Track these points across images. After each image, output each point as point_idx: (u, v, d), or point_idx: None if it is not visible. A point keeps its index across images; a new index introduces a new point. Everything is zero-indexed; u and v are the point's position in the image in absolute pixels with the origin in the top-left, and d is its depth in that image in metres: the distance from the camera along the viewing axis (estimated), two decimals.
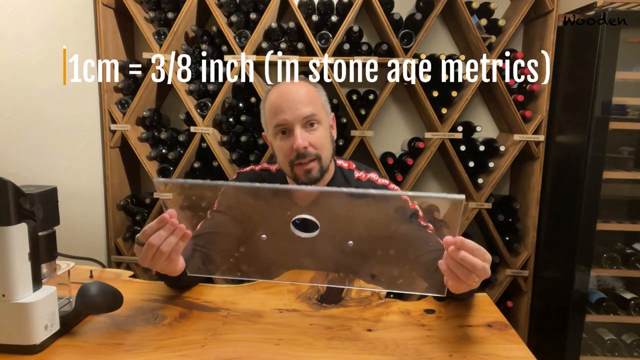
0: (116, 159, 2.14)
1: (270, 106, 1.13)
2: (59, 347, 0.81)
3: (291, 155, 1.10)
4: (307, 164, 1.10)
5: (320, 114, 1.12)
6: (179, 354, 0.78)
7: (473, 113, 2.22)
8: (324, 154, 1.12)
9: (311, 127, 1.11)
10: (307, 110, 1.09)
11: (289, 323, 0.91)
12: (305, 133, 1.09)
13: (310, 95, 1.13)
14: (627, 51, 1.74)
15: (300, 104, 1.09)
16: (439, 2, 1.90)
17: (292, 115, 1.08)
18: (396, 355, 0.80)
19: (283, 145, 1.11)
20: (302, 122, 1.09)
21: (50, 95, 1.75)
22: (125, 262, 2.14)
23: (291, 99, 1.09)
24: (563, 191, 1.97)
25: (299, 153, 1.08)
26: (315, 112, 1.10)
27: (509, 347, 0.84)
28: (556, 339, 1.96)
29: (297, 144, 1.07)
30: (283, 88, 1.13)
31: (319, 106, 1.13)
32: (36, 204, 0.78)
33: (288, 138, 1.10)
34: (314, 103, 1.12)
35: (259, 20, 1.93)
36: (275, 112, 1.10)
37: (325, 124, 1.14)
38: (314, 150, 1.10)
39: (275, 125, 1.11)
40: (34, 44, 1.66)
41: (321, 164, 1.12)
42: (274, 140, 1.14)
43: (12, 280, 0.75)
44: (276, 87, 1.16)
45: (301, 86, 1.13)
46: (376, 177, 1.23)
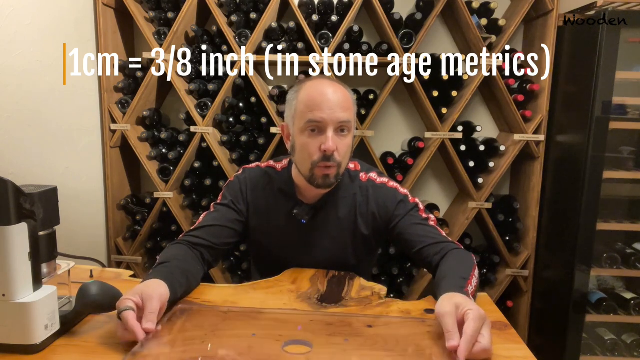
0: (116, 158, 2.14)
1: (307, 100, 1.08)
2: (59, 346, 0.81)
3: (315, 155, 1.08)
4: (329, 169, 1.09)
5: (352, 122, 1.11)
6: (179, 350, 0.78)
7: (473, 113, 2.22)
8: (344, 162, 1.12)
9: (342, 133, 1.09)
10: (344, 115, 1.07)
11: (290, 320, 0.91)
12: (336, 138, 1.07)
13: (349, 102, 1.10)
14: (627, 51, 1.74)
15: (340, 107, 1.07)
16: (439, 2, 1.90)
17: (330, 116, 1.05)
18: (396, 351, 0.80)
19: (310, 143, 1.08)
20: (336, 125, 1.07)
21: (50, 95, 1.75)
22: (126, 262, 2.14)
23: (332, 100, 1.06)
24: (563, 191, 1.97)
25: (326, 155, 1.06)
26: (350, 119, 1.09)
27: (509, 347, 0.83)
28: (556, 338, 1.95)
29: (328, 146, 1.05)
30: (324, 86, 1.10)
31: (352, 115, 1.12)
32: (36, 204, 0.78)
33: (317, 137, 1.07)
34: (350, 110, 1.10)
35: (259, 20, 1.93)
36: (312, 107, 1.07)
37: (352, 133, 1.13)
38: (338, 157, 1.08)
39: (308, 120, 1.07)
40: (34, 44, 1.66)
41: (339, 171, 1.11)
42: (300, 135, 1.10)
43: (13, 280, 0.75)
44: (316, 82, 1.12)
45: (341, 89, 1.11)
46: (375, 176, 1.23)
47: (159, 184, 2.09)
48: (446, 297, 0.85)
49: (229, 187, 1.25)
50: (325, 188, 1.13)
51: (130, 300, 0.82)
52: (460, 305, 0.80)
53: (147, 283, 0.89)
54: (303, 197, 1.20)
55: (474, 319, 0.75)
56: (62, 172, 1.85)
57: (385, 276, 2.12)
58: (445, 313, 0.79)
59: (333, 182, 1.12)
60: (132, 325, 0.78)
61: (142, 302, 0.84)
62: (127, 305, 0.80)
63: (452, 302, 0.81)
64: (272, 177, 1.24)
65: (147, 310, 0.82)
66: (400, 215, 1.16)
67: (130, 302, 0.82)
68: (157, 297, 0.85)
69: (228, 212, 1.20)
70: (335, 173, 1.10)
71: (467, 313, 0.77)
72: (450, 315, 0.78)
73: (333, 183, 1.12)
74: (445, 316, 0.79)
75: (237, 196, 1.22)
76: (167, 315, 0.89)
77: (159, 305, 0.84)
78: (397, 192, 1.20)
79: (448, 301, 0.82)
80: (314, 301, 1.00)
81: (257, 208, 1.23)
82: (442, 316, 0.79)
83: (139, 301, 0.83)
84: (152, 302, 0.83)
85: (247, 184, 1.23)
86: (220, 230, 1.17)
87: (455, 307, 0.80)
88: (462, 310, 0.78)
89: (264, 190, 1.23)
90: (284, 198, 1.21)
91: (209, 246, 1.14)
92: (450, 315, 0.78)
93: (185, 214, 2.14)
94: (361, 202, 1.20)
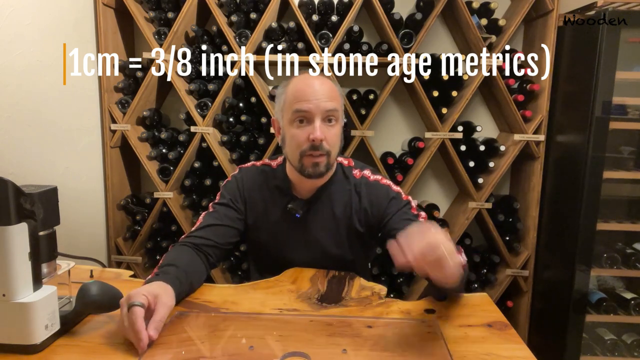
0: (116, 158, 2.14)
1: (294, 91, 1.12)
2: (59, 346, 0.81)
3: (304, 145, 1.10)
4: (317, 157, 1.10)
5: (339, 111, 1.14)
6: (179, 351, 0.78)
7: (473, 113, 2.22)
8: (334, 151, 1.13)
9: (329, 122, 1.11)
10: (330, 104, 1.10)
11: (289, 320, 0.91)
12: (324, 127, 1.10)
13: (335, 92, 1.14)
14: (627, 51, 1.74)
15: (326, 97, 1.10)
16: (439, 2, 1.90)
17: (316, 106, 1.08)
18: (396, 351, 0.80)
19: (298, 133, 1.10)
20: (323, 114, 1.09)
21: (50, 95, 1.75)
22: (126, 262, 2.14)
23: (318, 90, 1.09)
24: (563, 191, 1.97)
25: (313, 145, 1.08)
26: (337, 108, 1.12)
27: (509, 347, 0.84)
28: (556, 338, 1.95)
29: (315, 135, 1.07)
30: (310, 78, 1.14)
31: (339, 104, 1.14)
32: (36, 204, 0.78)
33: (305, 127, 1.10)
34: (336, 100, 1.13)
35: (259, 20, 1.93)
36: (299, 98, 1.09)
37: (340, 123, 1.16)
38: (327, 146, 1.10)
39: (295, 110, 1.09)
40: (34, 44, 1.66)
41: (329, 160, 1.12)
42: (289, 126, 1.13)
43: (13, 280, 0.75)
44: (302, 75, 1.16)
45: (327, 81, 1.15)
46: (369, 174, 1.24)
47: (159, 184, 2.09)
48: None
49: (226, 187, 1.26)
50: (316, 178, 1.14)
51: (145, 297, 0.82)
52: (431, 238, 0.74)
53: (164, 288, 0.90)
54: (297, 192, 1.22)
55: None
56: (62, 172, 1.85)
57: (385, 276, 2.12)
58: (414, 232, 0.76)
59: (323, 172, 1.13)
60: (139, 327, 0.78)
61: (153, 305, 0.84)
62: (140, 301, 0.81)
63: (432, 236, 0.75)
64: (268, 174, 1.26)
65: (157, 317, 0.83)
66: (392, 212, 1.17)
67: (144, 299, 0.82)
68: (168, 308, 0.87)
69: (228, 211, 1.21)
70: (325, 162, 1.12)
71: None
72: (416, 236, 0.74)
73: (323, 172, 1.13)
74: (414, 235, 0.75)
75: (235, 195, 1.23)
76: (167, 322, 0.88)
77: (167, 315, 0.86)
78: (389, 189, 1.21)
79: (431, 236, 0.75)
80: (314, 301, 1.00)
81: (254, 206, 1.24)
82: (412, 234, 0.75)
83: (151, 302, 0.84)
84: (164, 309, 0.85)
85: (243, 182, 1.25)
86: (223, 229, 1.18)
87: (427, 238, 0.74)
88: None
89: (260, 188, 1.24)
90: (280, 194, 1.23)
91: (213, 246, 1.15)
92: (418, 235, 0.74)
93: (185, 214, 2.14)
94: (355, 199, 1.21)
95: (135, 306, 0.79)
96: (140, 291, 0.83)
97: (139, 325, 0.78)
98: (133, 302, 0.80)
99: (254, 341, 0.82)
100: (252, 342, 0.82)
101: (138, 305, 0.79)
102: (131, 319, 0.78)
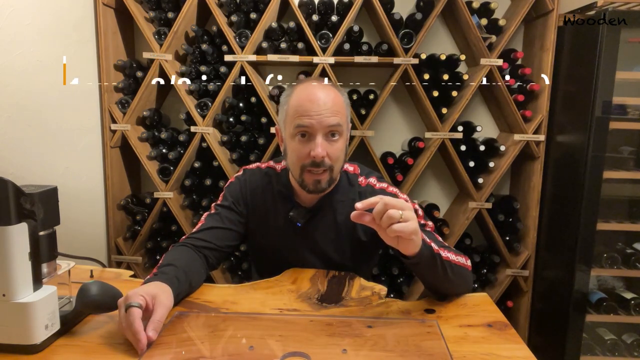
0: (116, 158, 2.14)
1: (296, 105, 1.07)
2: (59, 346, 0.81)
3: (305, 160, 1.07)
4: (319, 175, 1.08)
5: (343, 125, 1.10)
6: (179, 351, 0.78)
7: (473, 113, 2.22)
8: (337, 166, 1.11)
9: (332, 137, 1.08)
10: (333, 120, 1.05)
11: (289, 320, 0.91)
12: (326, 143, 1.06)
13: (339, 105, 1.09)
14: (627, 51, 1.74)
15: (328, 111, 1.05)
16: (439, 2, 1.90)
17: (318, 122, 1.04)
18: (396, 351, 0.80)
19: (300, 148, 1.07)
20: (325, 130, 1.06)
21: (50, 95, 1.75)
22: (126, 262, 2.14)
23: (321, 105, 1.05)
24: (563, 191, 1.97)
25: (315, 162, 1.06)
26: (340, 123, 1.07)
27: (509, 347, 0.84)
28: (556, 338, 1.95)
29: (317, 152, 1.04)
30: (313, 90, 1.08)
31: (344, 117, 1.10)
32: (36, 204, 0.78)
33: (307, 143, 1.06)
34: (341, 114, 1.08)
35: (259, 20, 1.93)
36: (301, 113, 1.05)
37: (345, 136, 1.12)
38: (329, 161, 1.07)
39: (297, 125, 1.06)
40: (34, 44, 1.66)
41: (332, 176, 1.10)
42: (291, 140, 1.10)
43: (13, 280, 0.75)
44: (305, 85, 1.11)
45: (331, 92, 1.09)
46: (375, 182, 1.22)
47: (159, 184, 2.09)
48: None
49: (229, 188, 1.25)
50: (317, 193, 1.13)
51: (142, 298, 0.82)
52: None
53: (162, 288, 0.90)
54: (300, 199, 1.20)
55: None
56: (62, 172, 1.85)
57: (385, 276, 2.12)
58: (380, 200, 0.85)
59: (325, 188, 1.12)
60: (137, 328, 0.78)
61: (151, 305, 0.84)
62: (137, 302, 0.81)
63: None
64: (272, 178, 1.24)
65: (156, 317, 0.82)
66: None
67: (142, 300, 0.82)
68: (167, 308, 0.86)
69: (230, 213, 1.20)
70: (328, 178, 1.10)
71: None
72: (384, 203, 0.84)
73: (325, 188, 1.12)
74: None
75: (237, 197, 1.22)
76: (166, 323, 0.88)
77: (166, 315, 0.86)
78: (396, 197, 1.19)
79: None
80: (314, 301, 1.00)
81: (256, 209, 1.23)
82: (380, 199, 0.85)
83: (149, 302, 0.84)
84: (163, 309, 0.84)
85: (247, 185, 1.24)
86: (223, 232, 1.18)
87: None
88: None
89: (263, 192, 1.23)
90: (283, 200, 1.21)
91: (213, 248, 1.15)
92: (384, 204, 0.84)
93: (185, 214, 2.14)
94: None
95: (133, 307, 0.79)
96: (137, 292, 0.83)
97: (136, 326, 0.78)
98: (130, 303, 0.80)
99: (254, 341, 0.82)
100: (252, 342, 0.82)
101: (135, 306, 0.79)
102: (129, 320, 0.78)
